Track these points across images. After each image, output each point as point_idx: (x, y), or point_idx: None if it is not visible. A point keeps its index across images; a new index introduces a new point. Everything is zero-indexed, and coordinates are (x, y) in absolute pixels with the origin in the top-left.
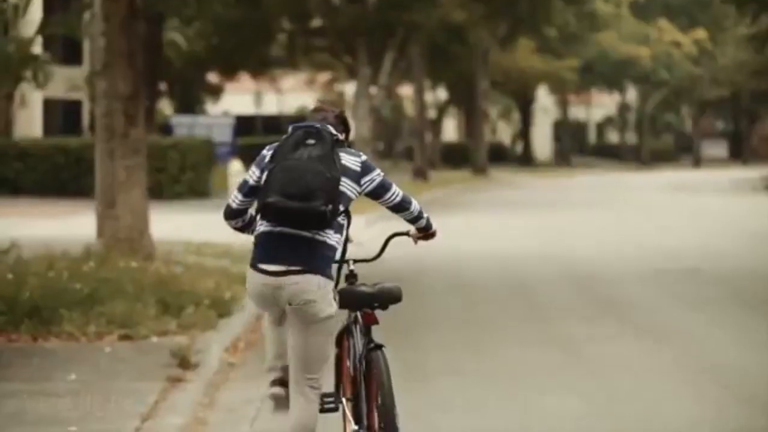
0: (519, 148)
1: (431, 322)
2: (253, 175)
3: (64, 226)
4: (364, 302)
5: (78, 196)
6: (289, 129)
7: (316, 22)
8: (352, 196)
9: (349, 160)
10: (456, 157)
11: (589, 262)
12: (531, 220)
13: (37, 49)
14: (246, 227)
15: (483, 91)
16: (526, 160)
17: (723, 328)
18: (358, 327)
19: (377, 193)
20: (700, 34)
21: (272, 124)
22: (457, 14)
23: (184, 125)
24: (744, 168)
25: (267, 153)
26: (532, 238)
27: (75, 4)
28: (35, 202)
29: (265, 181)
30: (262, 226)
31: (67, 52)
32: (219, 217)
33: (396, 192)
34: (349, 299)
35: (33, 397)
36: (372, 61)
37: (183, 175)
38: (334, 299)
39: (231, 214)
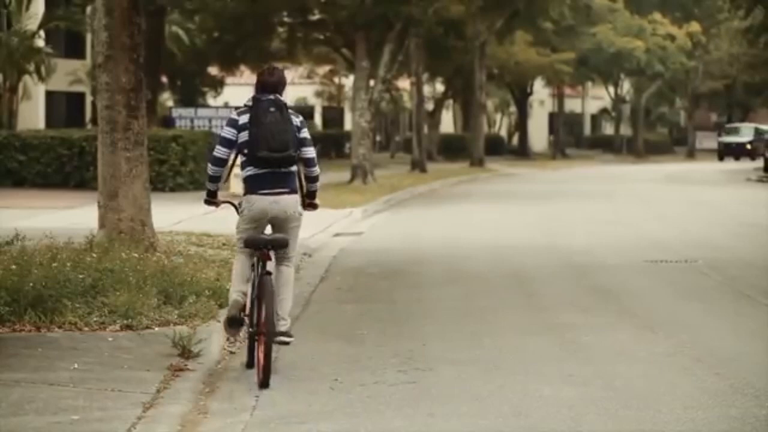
0: (515, 140)
1: (430, 312)
2: (229, 133)
3: (67, 218)
4: (263, 245)
5: (80, 187)
6: (251, 101)
7: (316, 16)
8: (297, 142)
9: (294, 119)
10: (454, 149)
11: (587, 252)
12: (529, 211)
13: (40, 42)
14: (218, 178)
15: (480, 84)
16: (522, 152)
17: (719, 318)
18: (258, 261)
19: (304, 144)
20: (694, 27)
21: None
22: (454, 8)
23: (185, 117)
24: (738, 160)
25: (239, 117)
26: (529, 229)
27: None
28: (38, 193)
29: (253, 139)
30: (251, 170)
31: (70, 45)
32: (220, 208)
33: (313, 151)
34: (253, 243)
35: (36, 386)
36: (370, 54)
37: (184, 167)
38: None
39: (219, 162)
